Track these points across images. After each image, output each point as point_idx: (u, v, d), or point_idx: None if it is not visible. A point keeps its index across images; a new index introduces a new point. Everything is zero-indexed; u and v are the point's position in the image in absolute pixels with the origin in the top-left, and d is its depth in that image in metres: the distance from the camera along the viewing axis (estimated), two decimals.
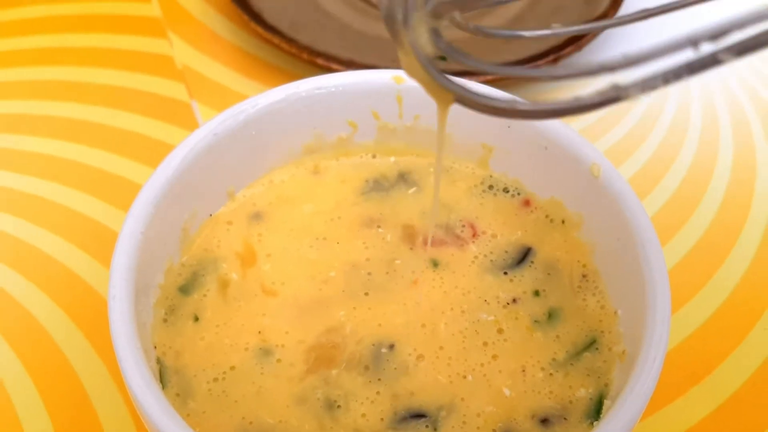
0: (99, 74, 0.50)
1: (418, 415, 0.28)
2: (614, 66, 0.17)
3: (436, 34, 0.21)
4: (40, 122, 0.47)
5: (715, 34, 0.15)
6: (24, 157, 0.45)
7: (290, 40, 0.47)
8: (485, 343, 0.30)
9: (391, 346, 0.30)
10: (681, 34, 0.16)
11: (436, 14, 0.20)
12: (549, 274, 0.32)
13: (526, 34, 0.25)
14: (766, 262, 0.41)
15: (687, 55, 0.16)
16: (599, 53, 0.51)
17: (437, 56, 0.21)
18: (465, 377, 0.29)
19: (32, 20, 0.53)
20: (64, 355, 0.36)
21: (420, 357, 0.30)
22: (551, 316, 0.31)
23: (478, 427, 0.28)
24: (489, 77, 0.44)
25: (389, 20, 0.22)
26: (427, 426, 0.28)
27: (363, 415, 0.28)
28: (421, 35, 0.21)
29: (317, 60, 0.45)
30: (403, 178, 0.35)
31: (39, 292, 0.39)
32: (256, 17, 0.48)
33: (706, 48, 0.16)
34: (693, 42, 0.16)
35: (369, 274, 0.32)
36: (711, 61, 0.16)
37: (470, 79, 0.41)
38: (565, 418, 0.28)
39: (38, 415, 0.35)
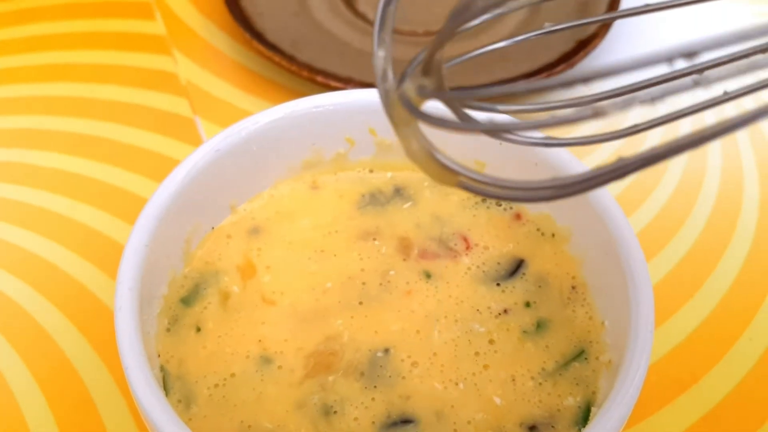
0: (105, 90, 0.50)
1: (408, 421, 0.29)
2: (588, 78, 0.17)
3: (422, 88, 0.21)
4: (47, 137, 0.47)
5: (691, 53, 0.16)
6: (32, 171, 0.45)
7: (290, 58, 0.47)
8: (477, 353, 0.30)
9: (386, 350, 0.30)
10: (659, 51, 0.16)
11: (426, 70, 0.21)
12: (540, 286, 0.32)
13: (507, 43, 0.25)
14: (752, 276, 0.41)
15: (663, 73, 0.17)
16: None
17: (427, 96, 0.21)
18: (457, 384, 0.29)
19: (39, 37, 0.54)
20: (71, 363, 0.37)
21: (414, 363, 0.30)
22: (541, 326, 0.31)
23: None
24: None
25: (382, 87, 0.22)
26: None
27: (355, 419, 0.29)
28: (409, 89, 0.21)
29: (317, 77, 0.46)
30: (399, 192, 0.36)
31: (46, 301, 0.39)
32: (258, 36, 0.49)
33: (681, 64, 0.16)
34: (669, 59, 0.16)
35: (363, 284, 0.32)
36: (687, 85, 0.17)
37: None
38: (552, 426, 0.28)
39: (45, 419, 0.35)
